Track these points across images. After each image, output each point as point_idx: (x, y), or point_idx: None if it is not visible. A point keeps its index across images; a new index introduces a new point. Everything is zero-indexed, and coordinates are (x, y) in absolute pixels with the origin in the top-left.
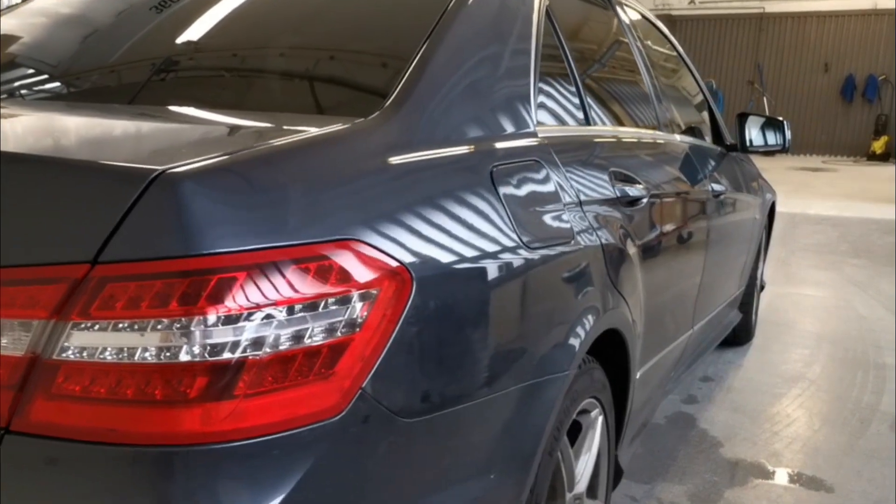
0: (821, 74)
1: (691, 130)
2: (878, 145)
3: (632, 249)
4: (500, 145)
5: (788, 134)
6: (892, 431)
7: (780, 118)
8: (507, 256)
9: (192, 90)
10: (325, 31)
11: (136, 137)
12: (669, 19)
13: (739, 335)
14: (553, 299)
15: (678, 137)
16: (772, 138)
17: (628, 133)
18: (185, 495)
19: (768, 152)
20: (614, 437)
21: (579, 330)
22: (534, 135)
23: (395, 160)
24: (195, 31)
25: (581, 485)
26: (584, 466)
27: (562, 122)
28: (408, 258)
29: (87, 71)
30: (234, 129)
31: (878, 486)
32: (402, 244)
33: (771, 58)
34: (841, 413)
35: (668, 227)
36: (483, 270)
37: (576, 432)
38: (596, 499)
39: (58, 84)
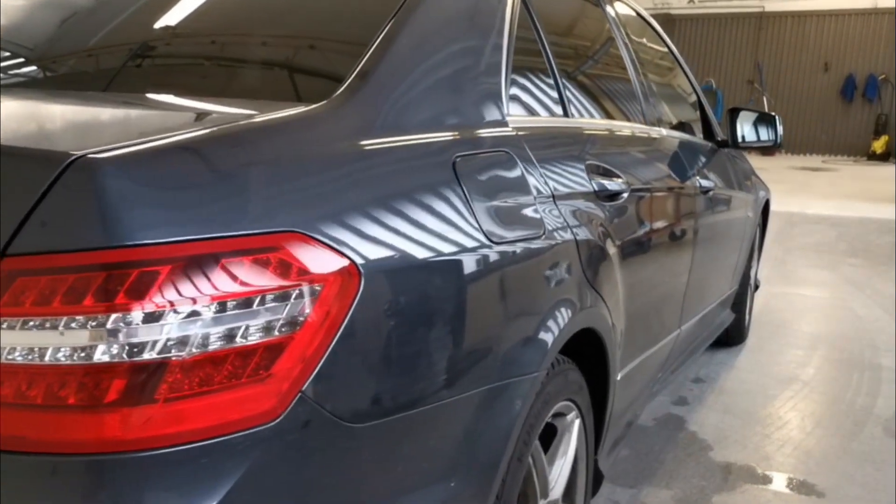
0: (821, 74)
1: (681, 126)
2: (879, 145)
3: (611, 246)
4: (465, 135)
5: (780, 129)
6: (886, 435)
7: (773, 113)
8: (468, 252)
9: (141, 75)
10: (284, 15)
11: (61, 121)
12: (668, 18)
13: (732, 336)
14: (520, 298)
15: (664, 132)
16: (764, 134)
17: (610, 126)
18: None
19: (764, 150)
20: (593, 442)
21: (550, 329)
22: (504, 125)
23: (345, 148)
24: (146, 17)
25: (556, 491)
26: (558, 472)
27: (537, 113)
28: (355, 253)
29: (32, 58)
30: (173, 114)
31: (870, 491)
32: (350, 238)
33: (771, 57)
34: (834, 415)
35: (652, 223)
36: (441, 266)
37: (551, 436)
38: None
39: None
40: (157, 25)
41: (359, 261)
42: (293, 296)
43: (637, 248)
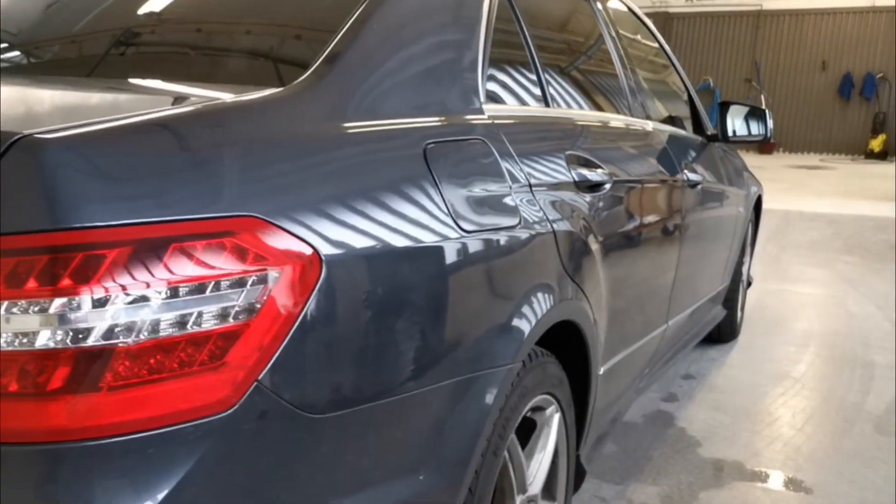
0: (818, 72)
1: (670, 120)
2: (876, 143)
3: (593, 237)
4: (437, 123)
5: (770, 123)
6: (877, 432)
7: (763, 107)
8: (438, 240)
9: (111, 62)
10: (254, 1)
11: (18, 104)
12: (666, 17)
13: (724, 332)
14: (492, 288)
15: (651, 125)
16: (754, 128)
17: (593, 118)
18: (46, 497)
19: (761, 148)
20: (575, 437)
21: (524, 321)
22: (479, 113)
23: (309, 133)
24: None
25: (535, 486)
26: (537, 467)
27: (516, 103)
28: (317, 239)
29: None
30: (130, 97)
31: (859, 488)
32: (311, 224)
33: (768, 55)
34: (825, 412)
35: (636, 215)
36: (409, 255)
37: (530, 431)
38: (554, 500)
39: None
40: (131, 13)
41: (321, 248)
42: (249, 282)
43: (621, 240)
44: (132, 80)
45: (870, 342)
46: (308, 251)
